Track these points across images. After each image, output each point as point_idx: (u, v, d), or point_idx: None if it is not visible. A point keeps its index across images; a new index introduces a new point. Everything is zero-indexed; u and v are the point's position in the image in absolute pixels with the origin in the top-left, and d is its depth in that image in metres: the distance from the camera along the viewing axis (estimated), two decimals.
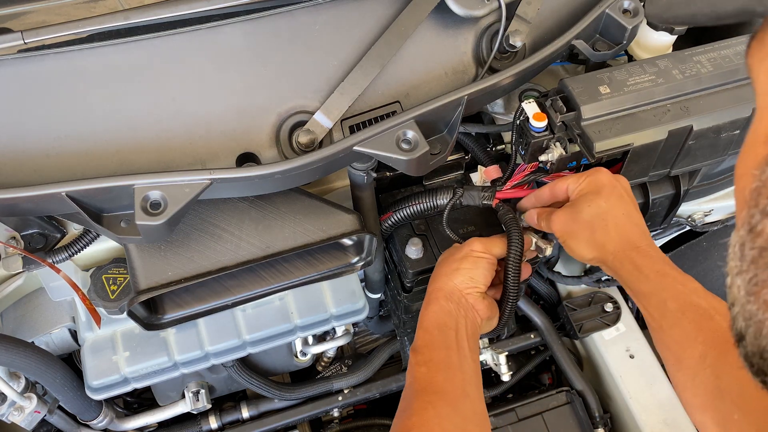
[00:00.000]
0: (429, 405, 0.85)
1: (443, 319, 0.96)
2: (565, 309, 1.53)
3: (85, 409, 1.26)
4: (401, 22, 0.92)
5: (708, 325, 0.81)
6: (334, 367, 1.56)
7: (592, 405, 1.46)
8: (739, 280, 0.37)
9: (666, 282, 0.87)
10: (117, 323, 1.19)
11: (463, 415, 0.87)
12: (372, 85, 0.91)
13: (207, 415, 1.43)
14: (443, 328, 0.95)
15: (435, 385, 0.88)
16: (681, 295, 0.85)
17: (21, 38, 0.82)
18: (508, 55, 0.99)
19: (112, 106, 0.86)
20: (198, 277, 0.93)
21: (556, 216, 0.97)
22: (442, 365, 0.90)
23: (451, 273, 1.00)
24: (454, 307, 0.97)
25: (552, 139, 0.98)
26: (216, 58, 0.89)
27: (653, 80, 0.97)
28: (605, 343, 1.53)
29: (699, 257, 1.57)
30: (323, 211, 1.00)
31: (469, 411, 0.88)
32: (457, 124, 0.93)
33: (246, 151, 0.89)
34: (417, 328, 0.97)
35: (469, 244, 1.03)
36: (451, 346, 0.93)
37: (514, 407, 1.41)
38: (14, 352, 1.06)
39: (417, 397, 0.87)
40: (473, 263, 1.00)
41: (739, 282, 0.37)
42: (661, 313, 0.86)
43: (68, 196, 0.80)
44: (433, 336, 0.94)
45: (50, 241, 1.06)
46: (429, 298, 1.00)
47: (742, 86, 0.98)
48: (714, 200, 1.39)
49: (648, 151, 0.98)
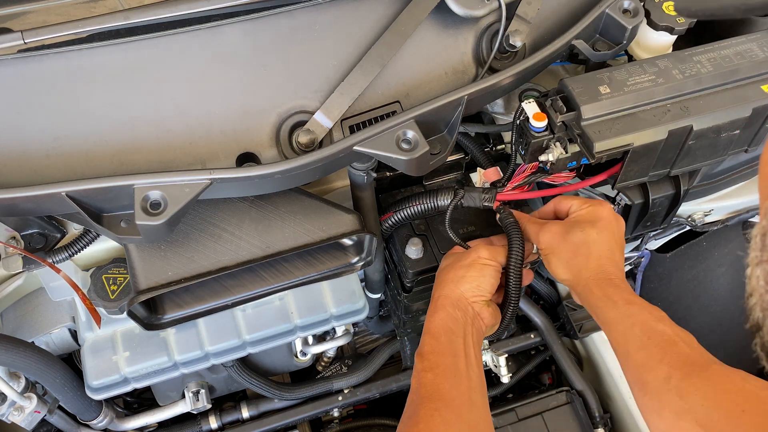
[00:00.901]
0: (435, 412, 0.86)
1: (451, 326, 0.96)
2: (565, 309, 1.53)
3: (85, 409, 1.26)
4: (401, 22, 0.92)
5: (673, 350, 0.83)
6: (334, 367, 1.56)
7: (592, 405, 1.46)
8: (759, 270, 0.37)
9: (633, 309, 0.89)
10: (117, 323, 1.19)
11: (468, 424, 0.87)
12: (372, 85, 0.91)
13: (207, 415, 1.43)
14: (451, 335, 0.95)
15: (441, 392, 0.88)
16: (647, 321, 0.88)
17: (21, 38, 0.82)
18: (508, 55, 0.99)
19: (112, 106, 0.86)
20: (198, 277, 0.93)
21: (547, 229, 1.00)
22: (449, 372, 0.91)
23: (457, 280, 1.00)
24: (461, 315, 0.97)
25: (552, 139, 0.97)
26: (216, 58, 0.89)
27: (653, 80, 0.97)
28: (605, 342, 1.53)
29: (699, 257, 1.57)
30: (323, 211, 1.00)
31: (475, 419, 0.89)
32: (457, 124, 0.93)
33: (246, 151, 0.89)
34: (423, 334, 0.98)
35: (475, 250, 1.03)
36: (458, 353, 0.93)
37: (514, 407, 1.41)
38: (14, 352, 1.06)
39: (423, 403, 0.87)
40: (480, 271, 1.00)
41: (759, 272, 0.37)
42: (626, 338, 0.88)
43: (68, 196, 0.80)
44: (441, 342, 0.94)
45: (50, 241, 1.06)
46: (436, 305, 1.00)
47: (742, 86, 0.98)
48: (714, 200, 1.39)
49: (648, 150, 0.98)
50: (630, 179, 1.03)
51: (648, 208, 1.15)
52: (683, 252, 1.56)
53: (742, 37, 0.99)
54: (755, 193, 1.39)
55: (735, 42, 1.00)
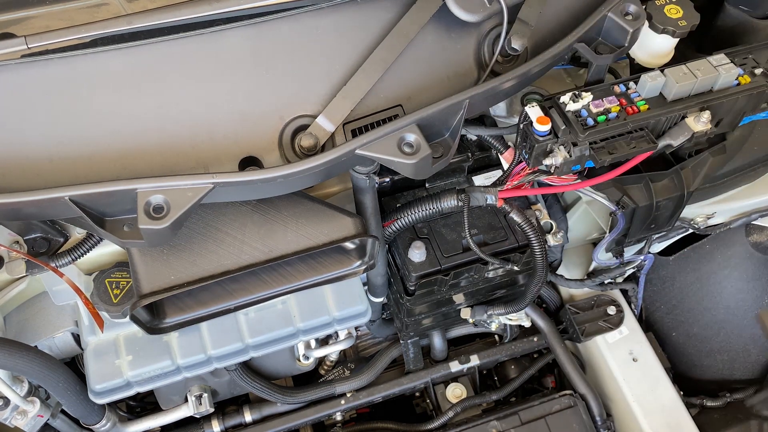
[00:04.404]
0: None
1: None
2: (567, 312, 1.52)
3: (88, 413, 1.26)
4: (403, 26, 0.92)
5: None
6: (337, 370, 1.56)
7: (595, 408, 1.46)
8: None
9: None
10: (120, 327, 1.19)
11: None
12: (374, 88, 0.91)
13: (210, 419, 1.43)
14: None
15: None
16: None
17: (24, 43, 0.82)
18: (509, 59, 0.99)
19: (115, 110, 0.86)
20: (201, 281, 0.93)
21: None
22: None
23: None
24: None
25: (556, 143, 0.97)
26: (218, 62, 0.89)
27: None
28: (608, 346, 1.52)
29: (702, 260, 1.57)
30: (326, 214, 0.99)
31: None
32: (459, 128, 0.93)
33: (248, 155, 0.89)
34: None
35: None
36: None
37: (518, 410, 1.41)
38: (17, 356, 1.06)
39: None
40: None
41: None
42: None
43: (71, 200, 0.80)
44: None
45: (53, 246, 1.07)
46: None
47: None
48: (717, 203, 1.39)
49: None
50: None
51: (652, 210, 1.15)
52: (686, 255, 1.56)
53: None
54: (759, 195, 1.39)
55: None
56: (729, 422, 1.49)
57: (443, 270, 1.23)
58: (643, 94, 0.99)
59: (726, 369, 1.58)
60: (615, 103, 0.98)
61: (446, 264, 1.22)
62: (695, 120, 1.00)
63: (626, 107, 0.98)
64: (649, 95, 0.99)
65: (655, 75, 0.98)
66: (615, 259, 1.40)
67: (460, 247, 1.24)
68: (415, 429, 1.47)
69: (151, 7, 0.87)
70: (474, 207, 1.12)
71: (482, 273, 1.28)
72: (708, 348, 1.60)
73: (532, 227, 1.12)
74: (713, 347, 1.59)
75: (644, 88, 0.99)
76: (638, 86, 1.00)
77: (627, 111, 0.98)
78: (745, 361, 1.57)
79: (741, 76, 1.01)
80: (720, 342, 1.58)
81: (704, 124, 0.99)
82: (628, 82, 1.01)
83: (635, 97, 0.99)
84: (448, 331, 1.57)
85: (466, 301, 1.38)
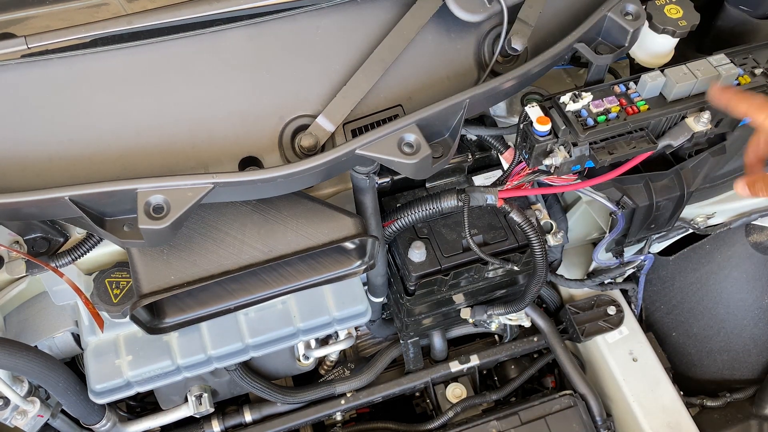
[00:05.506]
0: None
1: None
2: (567, 312, 1.53)
3: (88, 413, 1.26)
4: (403, 26, 0.92)
5: None
6: (337, 370, 1.56)
7: (595, 408, 1.46)
8: None
9: None
10: (120, 327, 1.20)
11: None
12: (374, 88, 0.91)
13: (210, 419, 1.43)
14: None
15: None
16: None
17: (24, 43, 0.82)
18: (509, 59, 0.99)
19: (115, 110, 0.86)
20: (201, 281, 0.93)
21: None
22: None
23: None
24: None
25: (556, 143, 0.97)
26: (218, 62, 0.89)
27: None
28: (608, 346, 1.53)
29: (702, 260, 1.57)
30: (326, 214, 1.00)
31: None
32: (459, 128, 0.93)
33: (248, 155, 0.89)
34: None
35: None
36: None
37: (518, 411, 1.41)
38: (17, 356, 1.06)
39: None
40: None
41: None
42: None
43: (71, 200, 0.80)
44: None
45: (53, 245, 1.07)
46: None
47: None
48: (717, 203, 1.39)
49: None
50: None
51: (653, 210, 1.15)
52: (686, 255, 1.56)
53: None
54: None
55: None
56: (729, 422, 1.49)
57: (443, 270, 1.23)
58: (643, 94, 0.99)
59: (726, 369, 1.58)
60: (615, 104, 0.98)
61: (446, 264, 1.22)
62: (695, 120, 1.00)
63: (626, 107, 0.98)
64: (649, 95, 0.99)
65: (655, 75, 0.98)
66: (615, 259, 1.40)
67: (460, 247, 1.24)
68: (415, 429, 1.47)
69: (151, 7, 0.87)
70: (474, 207, 1.12)
71: (482, 273, 1.28)
72: (708, 348, 1.60)
73: (532, 227, 1.12)
74: (713, 347, 1.59)
75: (644, 88, 0.99)
76: (638, 86, 1.00)
77: (627, 111, 0.98)
78: (745, 361, 1.57)
79: (741, 76, 1.01)
80: (720, 342, 1.58)
81: (704, 124, 0.99)
82: (628, 82, 1.01)
83: (635, 97, 0.99)
84: (448, 331, 1.57)
85: (466, 301, 1.38)
